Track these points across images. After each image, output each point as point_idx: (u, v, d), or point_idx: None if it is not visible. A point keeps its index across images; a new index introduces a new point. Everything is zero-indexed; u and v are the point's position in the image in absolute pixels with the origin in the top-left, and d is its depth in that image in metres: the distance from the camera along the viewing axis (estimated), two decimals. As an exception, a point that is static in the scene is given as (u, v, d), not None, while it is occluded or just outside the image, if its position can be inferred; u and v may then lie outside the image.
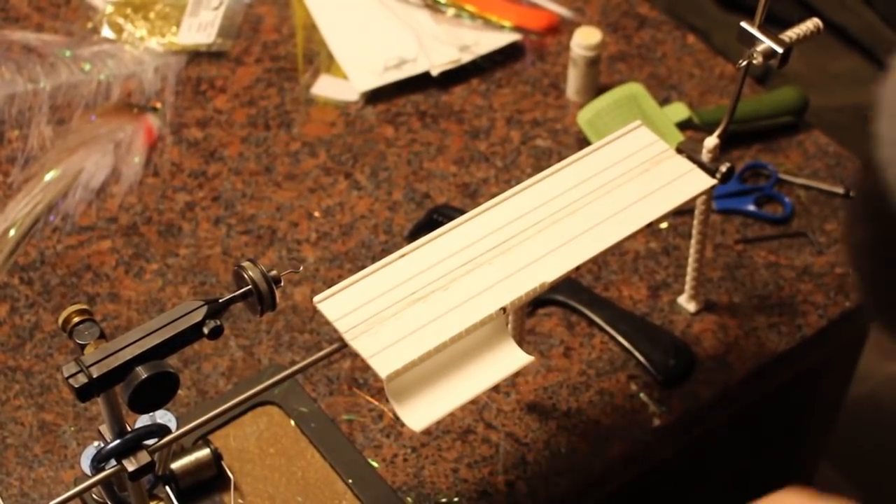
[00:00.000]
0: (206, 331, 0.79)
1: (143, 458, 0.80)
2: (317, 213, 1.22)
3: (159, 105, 1.32)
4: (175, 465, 0.98)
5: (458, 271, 0.88)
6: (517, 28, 1.39)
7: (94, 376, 0.76)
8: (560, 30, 1.40)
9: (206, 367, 1.09)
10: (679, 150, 0.98)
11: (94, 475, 0.81)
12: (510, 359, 0.85)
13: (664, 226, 1.20)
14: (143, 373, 0.76)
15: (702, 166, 0.97)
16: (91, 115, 1.31)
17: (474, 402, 1.06)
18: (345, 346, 0.84)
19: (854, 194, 0.79)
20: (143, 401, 0.78)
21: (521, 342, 0.98)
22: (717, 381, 1.08)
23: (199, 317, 0.79)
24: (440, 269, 0.88)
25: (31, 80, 1.33)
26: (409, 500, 1.01)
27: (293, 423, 1.04)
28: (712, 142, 0.97)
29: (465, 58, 1.35)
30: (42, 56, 1.36)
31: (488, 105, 1.32)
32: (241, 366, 1.09)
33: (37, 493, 1.01)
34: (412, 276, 0.87)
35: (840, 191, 1.23)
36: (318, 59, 1.37)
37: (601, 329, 1.11)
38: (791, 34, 0.93)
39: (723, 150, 0.98)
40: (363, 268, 0.88)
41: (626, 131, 0.99)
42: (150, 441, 0.81)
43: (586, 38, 1.27)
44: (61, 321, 0.81)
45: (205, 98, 1.33)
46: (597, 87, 1.30)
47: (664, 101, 1.31)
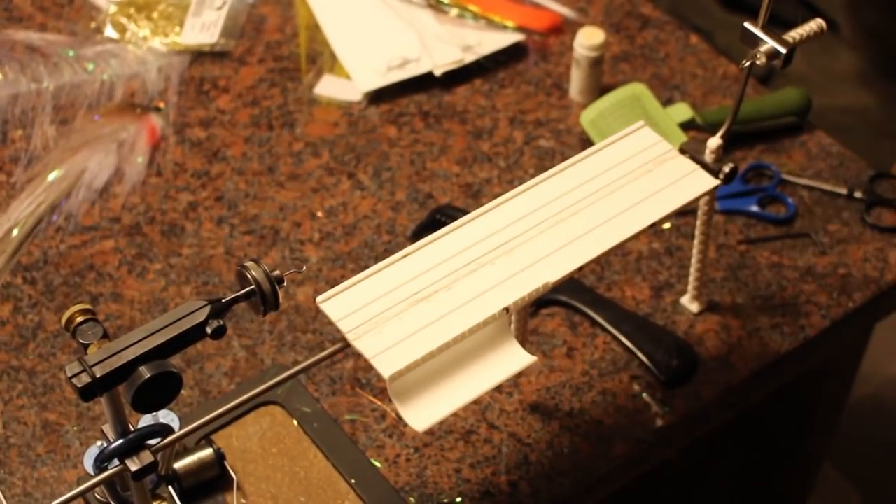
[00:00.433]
0: (209, 331, 0.79)
1: (146, 457, 0.80)
2: (320, 213, 1.22)
3: (162, 105, 1.32)
4: (178, 465, 0.98)
5: (460, 271, 0.88)
6: (520, 28, 1.39)
7: (98, 376, 0.76)
8: (563, 30, 1.40)
9: (209, 367, 1.09)
10: (682, 151, 0.98)
11: (97, 475, 0.81)
12: (513, 359, 0.85)
13: (667, 226, 1.19)
14: (146, 373, 0.76)
15: (705, 167, 0.97)
16: (94, 114, 1.31)
17: (477, 402, 1.06)
18: (347, 346, 0.84)
19: None
20: (146, 401, 0.78)
21: (523, 342, 0.98)
22: (720, 382, 1.08)
23: (202, 317, 0.79)
24: (443, 270, 0.88)
25: (35, 80, 1.33)
26: (412, 500, 1.01)
27: (296, 423, 1.05)
28: (715, 142, 0.97)
29: (469, 58, 1.35)
30: (45, 56, 1.36)
31: (491, 105, 1.32)
32: (244, 366, 1.09)
33: (40, 493, 1.01)
34: (415, 277, 0.87)
35: (843, 191, 1.23)
36: (322, 59, 1.37)
37: (604, 329, 1.11)
38: (794, 35, 0.93)
39: (726, 151, 0.98)
40: (366, 268, 0.88)
41: (630, 132, 0.99)
42: (152, 441, 0.81)
43: (589, 39, 1.27)
44: (64, 321, 0.81)
45: (208, 98, 1.33)
46: (600, 88, 1.30)
47: (667, 102, 1.31)
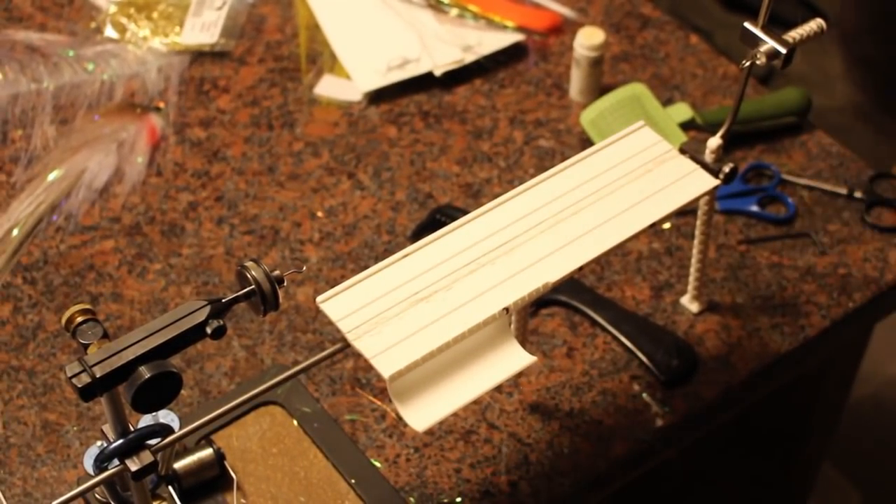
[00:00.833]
0: (209, 331, 0.79)
1: (146, 457, 0.80)
2: (320, 214, 1.22)
3: (162, 105, 1.32)
4: (178, 465, 0.98)
5: (460, 271, 0.88)
6: (520, 28, 1.39)
7: (98, 376, 0.76)
8: (563, 30, 1.40)
9: (209, 367, 1.09)
10: (682, 151, 0.98)
11: (96, 475, 0.81)
12: (513, 359, 0.85)
13: (667, 226, 1.19)
14: (146, 373, 0.76)
15: (705, 167, 0.97)
16: (94, 114, 1.31)
17: (477, 402, 1.06)
18: (347, 346, 0.84)
19: None
20: (146, 401, 0.78)
21: (523, 342, 0.98)
22: (720, 382, 1.08)
23: (202, 317, 0.79)
24: (443, 270, 0.88)
25: (35, 80, 1.33)
26: (412, 500, 1.01)
27: (296, 423, 1.05)
28: (715, 142, 0.97)
29: (469, 58, 1.35)
30: (45, 56, 1.36)
31: (491, 105, 1.32)
32: (244, 366, 1.09)
33: (40, 493, 1.01)
34: (415, 277, 0.87)
35: (843, 191, 1.23)
36: (322, 59, 1.37)
37: (604, 329, 1.11)
38: (794, 35, 0.93)
39: (726, 151, 0.98)
40: (366, 268, 0.88)
41: (629, 132, 0.99)
42: (152, 441, 0.81)
43: (589, 39, 1.27)
44: (64, 321, 0.81)
45: (208, 98, 1.33)
46: (600, 88, 1.30)
47: (667, 102, 1.31)
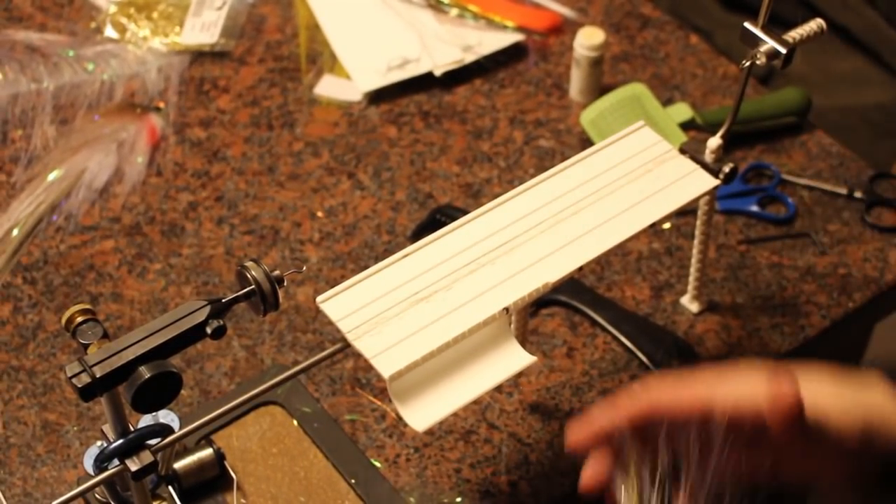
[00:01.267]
0: (209, 331, 0.79)
1: (146, 457, 0.80)
2: (320, 214, 1.22)
3: (162, 105, 1.32)
4: (178, 465, 0.98)
5: (460, 271, 0.88)
6: (520, 28, 1.39)
7: (98, 376, 0.76)
8: (563, 30, 1.40)
9: (209, 367, 1.09)
10: (682, 151, 0.98)
11: (97, 475, 0.81)
12: (513, 359, 0.85)
13: (667, 226, 1.19)
14: (146, 373, 0.76)
15: (705, 167, 0.97)
16: (94, 114, 1.31)
17: (477, 402, 1.06)
18: (347, 346, 0.84)
19: None
20: (146, 401, 0.78)
21: (523, 342, 0.98)
22: (720, 382, 1.08)
23: (202, 317, 0.79)
24: (443, 270, 0.88)
25: (35, 80, 1.33)
26: (412, 500, 1.01)
27: (296, 423, 1.05)
28: (715, 142, 0.97)
29: (469, 58, 1.35)
30: (45, 56, 1.36)
31: (491, 105, 1.32)
32: (244, 366, 1.09)
33: (40, 493, 1.01)
34: (415, 277, 0.87)
35: (843, 191, 1.23)
36: (322, 59, 1.37)
37: (604, 329, 1.11)
38: (794, 35, 0.93)
39: (726, 151, 0.98)
40: (366, 268, 0.88)
41: (629, 132, 0.99)
42: (152, 441, 0.81)
43: (589, 39, 1.27)
44: (64, 321, 0.81)
45: (208, 98, 1.33)
46: (600, 88, 1.30)
47: (667, 102, 1.31)
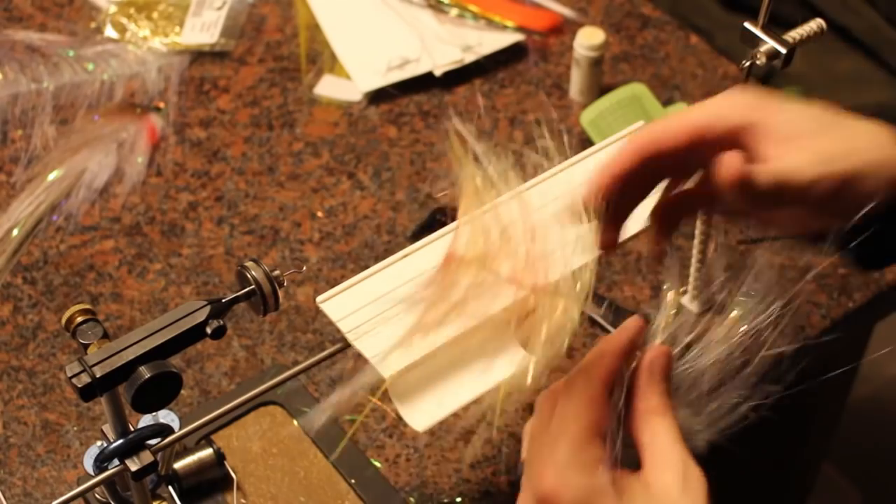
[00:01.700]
0: (209, 331, 0.79)
1: (146, 457, 0.80)
2: (320, 214, 1.22)
3: (162, 105, 1.32)
4: (178, 465, 0.98)
5: (460, 271, 0.88)
6: (520, 28, 1.39)
7: (98, 376, 0.76)
8: (563, 30, 1.40)
9: (209, 367, 1.09)
10: (682, 151, 0.97)
11: (97, 475, 0.81)
12: (513, 359, 0.85)
13: (667, 226, 1.19)
14: (146, 373, 0.76)
15: (705, 167, 0.96)
16: (94, 114, 1.31)
17: (477, 402, 1.06)
18: (347, 346, 0.84)
19: None
20: (146, 401, 0.78)
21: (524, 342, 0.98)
22: (720, 382, 1.08)
23: (202, 317, 0.79)
24: (443, 270, 0.88)
25: (35, 80, 1.33)
26: (412, 500, 1.01)
27: (296, 423, 1.05)
28: (715, 142, 0.97)
29: (469, 58, 1.35)
30: (45, 56, 1.36)
31: (491, 105, 1.32)
32: (244, 366, 1.09)
33: (40, 493, 1.01)
34: (415, 277, 0.87)
35: (843, 191, 1.22)
36: (322, 59, 1.37)
37: (604, 329, 1.11)
38: (794, 35, 0.93)
39: (726, 151, 0.98)
40: (366, 268, 0.88)
41: (629, 132, 0.98)
42: (152, 441, 0.81)
43: (589, 39, 1.27)
44: (64, 321, 0.81)
45: (208, 98, 1.33)
46: (600, 88, 1.30)
47: (667, 102, 1.31)
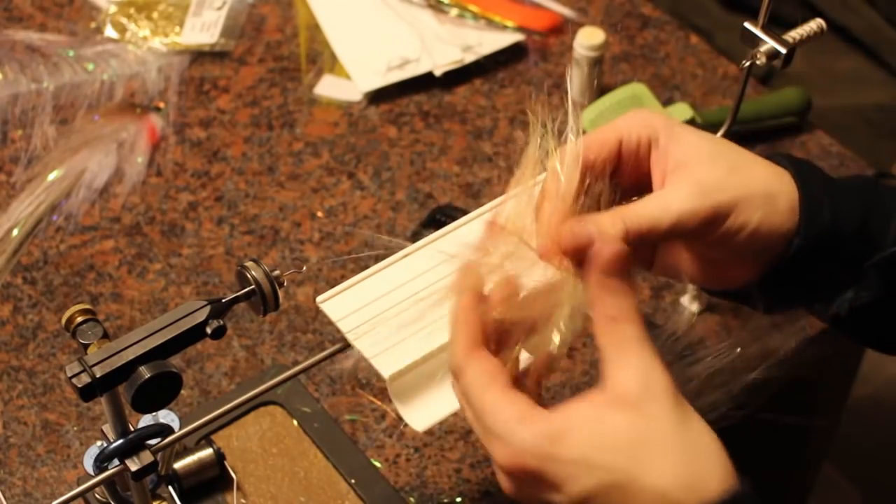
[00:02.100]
0: (209, 331, 0.79)
1: (146, 457, 0.80)
2: (320, 213, 1.22)
3: (162, 105, 1.32)
4: (178, 465, 0.98)
5: (460, 271, 0.87)
6: (520, 28, 1.39)
7: (98, 376, 0.76)
8: (563, 30, 1.40)
9: (209, 367, 1.09)
10: (682, 151, 0.97)
11: (97, 475, 0.81)
12: (513, 359, 0.85)
13: (667, 226, 1.19)
14: (146, 373, 0.76)
15: (705, 167, 0.96)
16: (94, 114, 1.31)
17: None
18: (347, 346, 0.84)
19: None
20: (146, 400, 0.78)
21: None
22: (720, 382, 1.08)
23: (202, 317, 0.79)
24: (443, 270, 0.88)
25: (35, 80, 1.33)
26: (412, 500, 1.01)
27: (296, 423, 1.05)
28: (715, 142, 0.97)
29: (469, 58, 1.35)
30: (45, 56, 1.36)
31: (491, 105, 1.32)
32: (244, 366, 1.09)
33: (40, 493, 1.01)
34: (415, 277, 0.87)
35: (843, 191, 1.22)
36: (322, 59, 1.37)
37: (604, 329, 1.11)
38: (794, 35, 0.93)
39: (726, 151, 0.98)
40: (366, 268, 0.88)
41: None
42: (152, 441, 0.81)
43: (589, 39, 1.27)
44: (64, 321, 0.81)
45: (208, 98, 1.33)
46: (600, 88, 1.30)
47: (667, 102, 1.31)
